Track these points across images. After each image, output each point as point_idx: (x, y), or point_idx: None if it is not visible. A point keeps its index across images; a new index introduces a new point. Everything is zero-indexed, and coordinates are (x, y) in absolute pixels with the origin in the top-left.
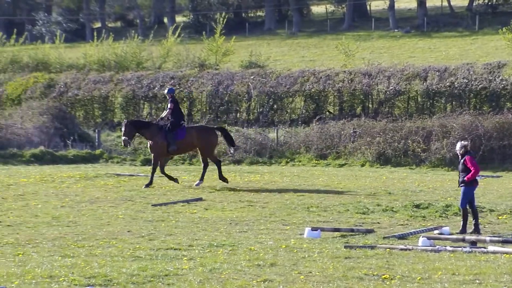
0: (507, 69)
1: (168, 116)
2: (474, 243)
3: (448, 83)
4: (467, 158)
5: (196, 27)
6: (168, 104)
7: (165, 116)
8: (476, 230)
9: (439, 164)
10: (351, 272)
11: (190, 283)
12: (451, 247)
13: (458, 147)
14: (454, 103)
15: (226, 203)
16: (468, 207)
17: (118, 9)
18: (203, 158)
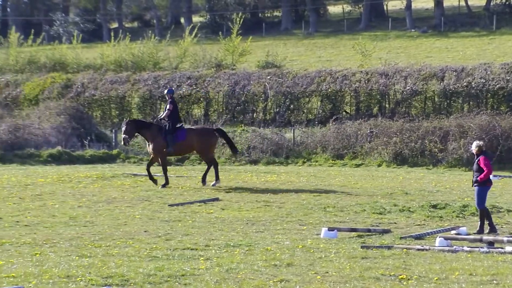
0: None
1: (165, 118)
2: (491, 244)
3: (465, 83)
4: (481, 158)
5: (212, 27)
6: (168, 105)
7: (163, 116)
8: (492, 230)
9: (456, 164)
10: (367, 272)
11: (206, 283)
12: (469, 247)
13: (473, 146)
14: (471, 103)
15: (243, 203)
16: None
17: (135, 9)
18: (204, 159)
